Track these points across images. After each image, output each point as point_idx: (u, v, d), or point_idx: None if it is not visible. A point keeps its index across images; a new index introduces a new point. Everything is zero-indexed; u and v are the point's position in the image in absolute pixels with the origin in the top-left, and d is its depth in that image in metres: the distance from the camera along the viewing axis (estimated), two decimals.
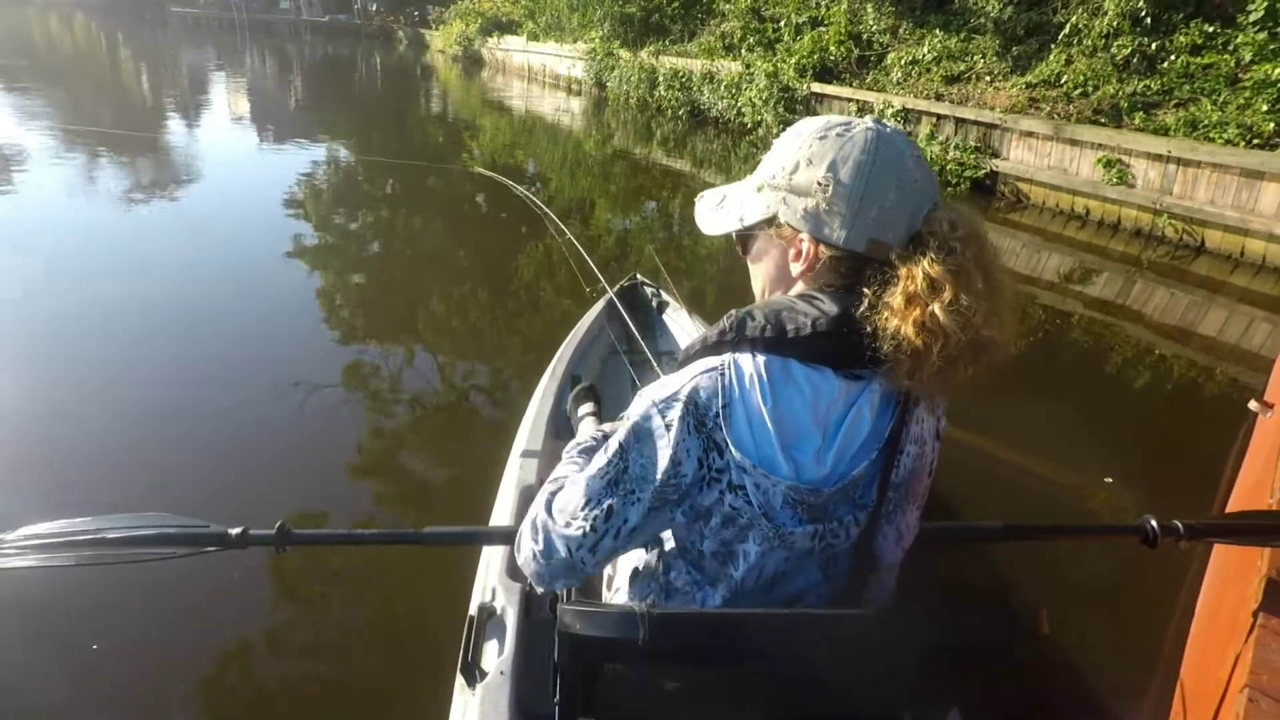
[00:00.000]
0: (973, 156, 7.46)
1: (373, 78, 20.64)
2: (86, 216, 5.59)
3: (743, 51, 11.21)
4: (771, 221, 0.86)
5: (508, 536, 1.36)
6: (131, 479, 2.57)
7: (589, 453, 1.07)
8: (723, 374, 0.78)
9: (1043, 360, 4.17)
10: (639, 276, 2.94)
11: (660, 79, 12.47)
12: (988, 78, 8.04)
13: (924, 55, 8.78)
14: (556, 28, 17.67)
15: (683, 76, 11.99)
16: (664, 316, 2.78)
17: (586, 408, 1.46)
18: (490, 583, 1.36)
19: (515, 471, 1.73)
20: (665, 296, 2.79)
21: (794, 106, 9.82)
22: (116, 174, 6.88)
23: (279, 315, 4.15)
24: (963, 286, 0.74)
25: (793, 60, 9.93)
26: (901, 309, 0.75)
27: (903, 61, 8.98)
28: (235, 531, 1.12)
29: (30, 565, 1.07)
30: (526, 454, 1.79)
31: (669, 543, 0.89)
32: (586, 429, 1.36)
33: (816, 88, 9.54)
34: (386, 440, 2.96)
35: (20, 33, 24.22)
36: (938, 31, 8.89)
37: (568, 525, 0.85)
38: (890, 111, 8.30)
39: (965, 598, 2.01)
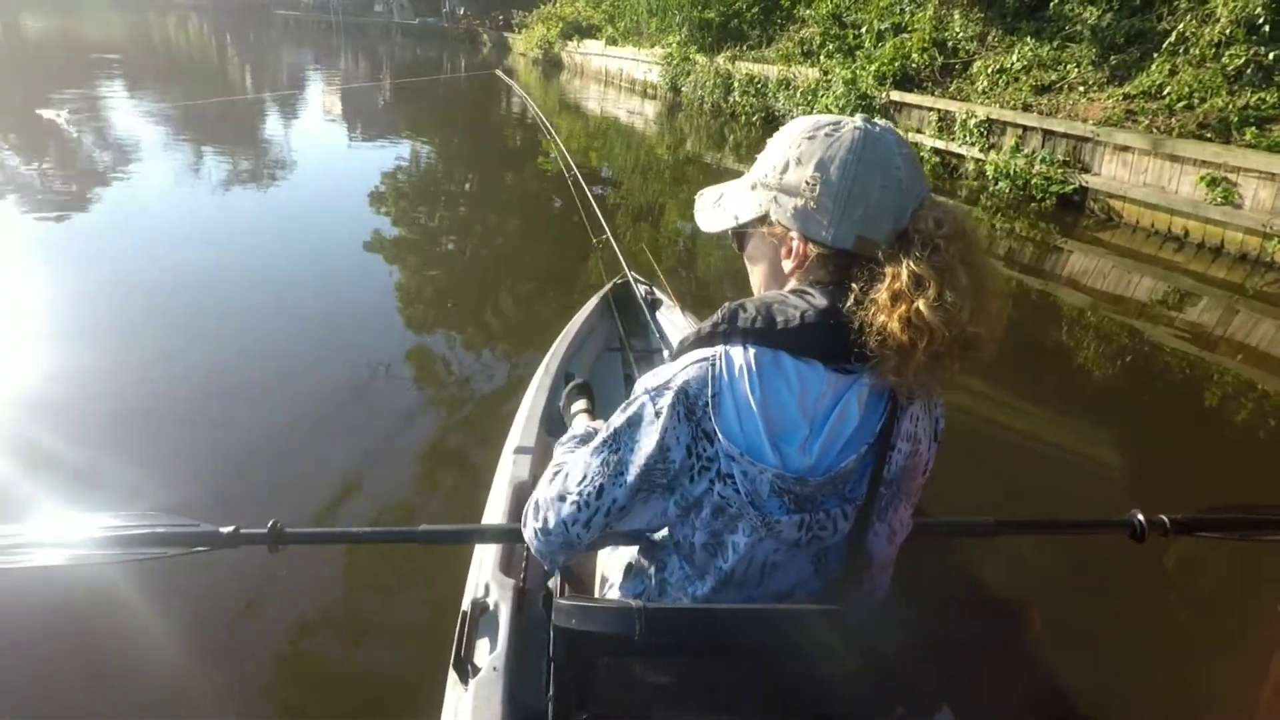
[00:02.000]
0: (1060, 171, 7.09)
1: (456, 78, 21.28)
2: (185, 203, 5.96)
3: (821, 58, 11.00)
4: (764, 220, 0.88)
5: (502, 534, 1.37)
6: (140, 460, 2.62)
7: (584, 441, 1.11)
8: (713, 364, 0.80)
9: (1130, 389, 3.91)
10: (633, 274, 2.94)
11: (735, 84, 12.38)
12: (1081, 88, 7.62)
13: (1013, 64, 8.40)
14: (635, 32, 17.79)
15: (758, 82, 11.87)
16: (657, 314, 2.75)
17: (579, 404, 1.47)
18: (483, 579, 1.35)
19: (508, 468, 1.72)
20: (659, 294, 2.78)
21: (871, 114, 9.54)
22: (217, 165, 7.30)
23: (323, 303, 4.28)
24: (947, 283, 0.76)
25: (872, 67, 9.68)
26: (887, 305, 0.76)
27: (989, 70, 8.62)
28: (226, 530, 1.12)
29: (19, 566, 1.08)
30: (520, 450, 1.79)
31: (662, 538, 0.91)
32: (580, 425, 1.38)
33: (895, 96, 9.26)
34: (387, 433, 2.92)
35: (142, 34, 26.09)
36: (1029, 39, 8.50)
37: (562, 501, 0.89)
38: (973, 122, 7.99)
39: (957, 594, 2.00)
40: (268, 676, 1.86)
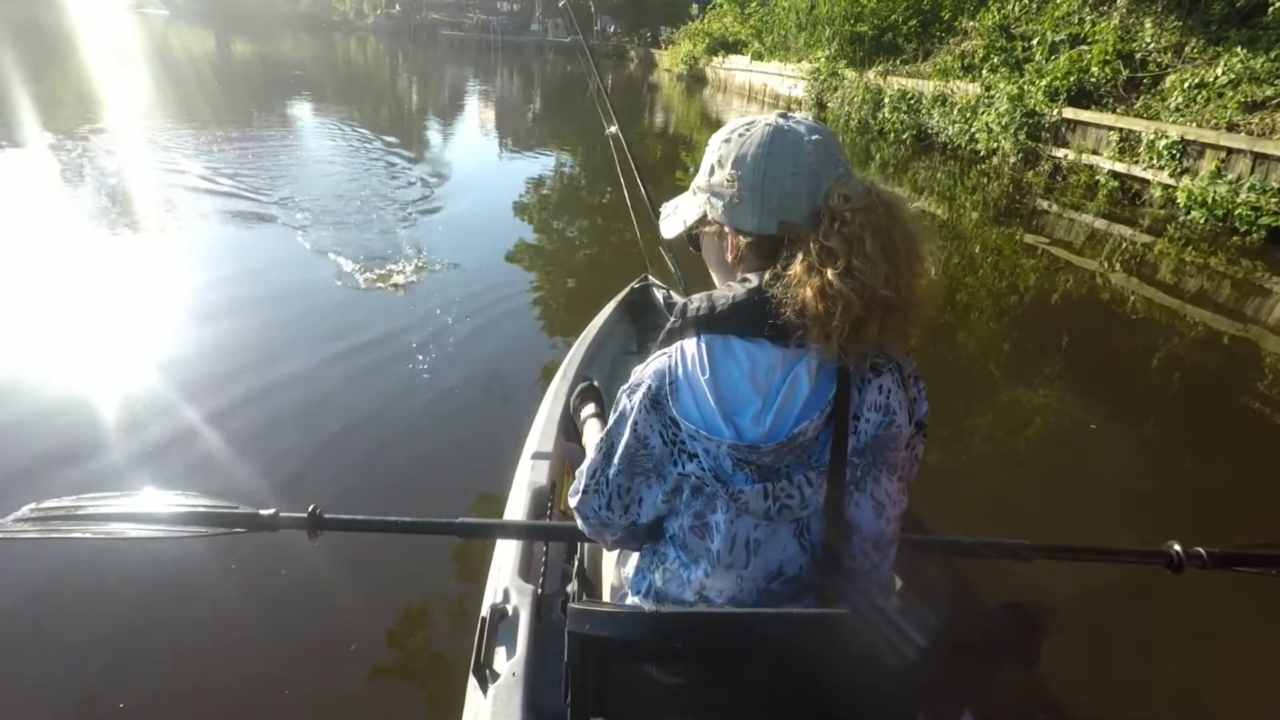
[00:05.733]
0: (1274, 201, 6.17)
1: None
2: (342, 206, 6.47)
3: (984, 72, 10.31)
4: (705, 220, 0.98)
5: (532, 531, 1.41)
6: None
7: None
8: (670, 357, 0.90)
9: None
10: (650, 277, 2.91)
11: (886, 100, 11.87)
12: None
13: (1217, 77, 7.45)
14: (782, 47, 17.57)
15: (911, 98, 11.30)
16: None
17: (589, 409, 1.51)
18: (502, 584, 1.34)
19: (526, 473, 1.73)
20: (675, 297, 2.71)
21: (1038, 133, 8.82)
22: (381, 172, 7.89)
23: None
24: (856, 253, 0.82)
25: (1043, 82, 8.92)
26: (804, 279, 0.83)
27: (1186, 84, 7.69)
28: (266, 513, 1.12)
29: (61, 536, 1.11)
30: (538, 455, 1.79)
31: (662, 529, 1.00)
32: (592, 429, 1.45)
33: (1069, 113, 8.49)
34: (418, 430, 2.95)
35: (327, 54, 29.13)
36: (1239, 49, 7.50)
37: (584, 491, 1.02)
38: (1163, 143, 7.15)
39: (979, 602, 1.93)
40: (285, 676, 1.85)
